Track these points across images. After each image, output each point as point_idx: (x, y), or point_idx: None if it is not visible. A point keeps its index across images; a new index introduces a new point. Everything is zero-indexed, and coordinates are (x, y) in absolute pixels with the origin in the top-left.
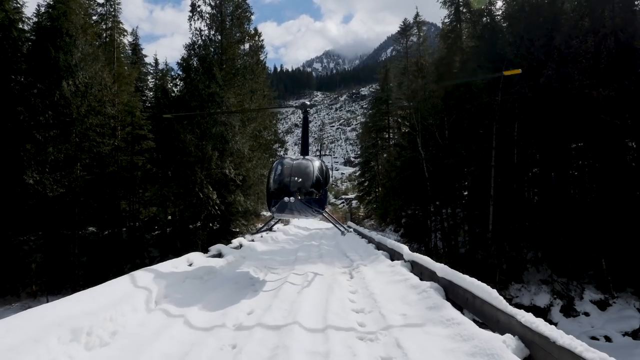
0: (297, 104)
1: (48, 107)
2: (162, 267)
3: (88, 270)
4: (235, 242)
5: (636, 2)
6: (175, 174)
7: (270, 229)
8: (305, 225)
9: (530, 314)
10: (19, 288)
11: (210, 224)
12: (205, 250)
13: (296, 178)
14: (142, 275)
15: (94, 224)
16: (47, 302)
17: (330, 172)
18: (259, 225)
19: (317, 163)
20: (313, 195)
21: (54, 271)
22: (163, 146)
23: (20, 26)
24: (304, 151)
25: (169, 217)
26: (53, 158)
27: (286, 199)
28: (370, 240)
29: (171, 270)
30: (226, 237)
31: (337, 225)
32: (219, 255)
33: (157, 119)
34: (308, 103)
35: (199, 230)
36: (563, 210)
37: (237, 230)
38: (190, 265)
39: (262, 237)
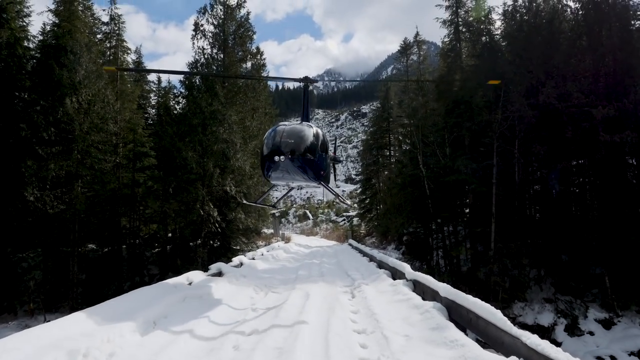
0: (299, 78)
1: (51, 123)
2: (162, 286)
3: (87, 288)
4: (236, 260)
5: (632, 22)
6: (176, 190)
7: (273, 207)
8: (306, 243)
9: (535, 335)
10: (17, 306)
11: (211, 242)
12: (205, 268)
13: (289, 139)
14: (141, 295)
15: (94, 241)
16: (45, 320)
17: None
18: (260, 243)
19: (313, 129)
20: (306, 158)
21: (52, 289)
22: (164, 163)
23: (26, 44)
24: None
25: (170, 235)
26: (54, 174)
27: (276, 158)
28: (371, 258)
29: (171, 289)
30: (226, 255)
31: (339, 197)
32: (219, 274)
33: (158, 135)
34: (311, 77)
35: (199, 247)
36: (565, 227)
37: (238, 247)
38: (190, 284)
39: (262, 255)
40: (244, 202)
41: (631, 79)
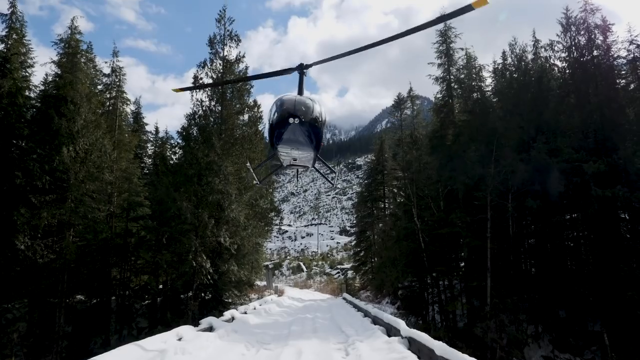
0: (294, 66)
1: (46, 172)
2: (150, 342)
3: (72, 341)
4: (227, 314)
5: (617, 81)
6: (169, 241)
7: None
8: (299, 297)
9: None
10: None
11: (202, 294)
12: (196, 322)
13: (301, 105)
14: (128, 353)
15: (83, 292)
16: None
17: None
18: (253, 296)
19: (316, 102)
20: (314, 124)
21: (37, 342)
22: (158, 213)
23: (27, 93)
24: None
25: (160, 286)
26: (46, 223)
27: (291, 119)
28: (366, 313)
29: (159, 345)
30: (218, 308)
31: (327, 174)
32: (210, 328)
33: (154, 185)
34: (305, 64)
35: (191, 300)
36: (561, 282)
37: (230, 300)
38: (179, 339)
39: (254, 309)
40: (249, 166)
41: (619, 135)
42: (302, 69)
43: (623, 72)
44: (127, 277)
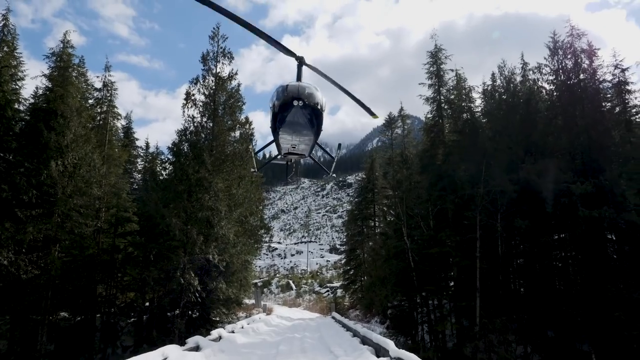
0: (296, 54)
1: (33, 186)
2: None
3: None
4: (215, 333)
5: (603, 104)
6: (157, 258)
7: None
8: (288, 315)
9: None
10: None
11: (190, 312)
12: (182, 341)
13: (305, 89)
14: None
15: (67, 309)
16: None
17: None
18: (241, 314)
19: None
20: (316, 108)
21: None
22: (147, 229)
23: (16, 106)
24: None
25: (147, 304)
26: (32, 238)
27: (295, 102)
28: (355, 333)
29: None
30: (205, 327)
31: (323, 163)
32: (197, 348)
33: (143, 201)
34: (304, 62)
35: (177, 318)
36: (549, 302)
37: (218, 319)
38: (165, 359)
39: (242, 327)
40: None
41: (605, 157)
42: (301, 62)
43: (609, 95)
44: (113, 294)
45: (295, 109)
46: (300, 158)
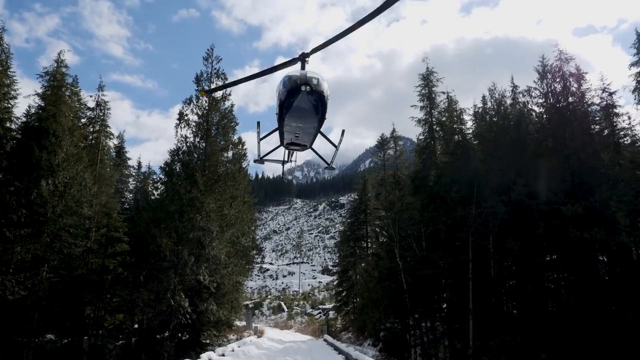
0: (296, 57)
1: (22, 205)
2: None
3: None
4: (204, 357)
5: (592, 126)
6: (147, 278)
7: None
8: (280, 338)
9: None
10: None
11: (179, 334)
12: None
13: (313, 76)
14: None
15: (53, 331)
16: None
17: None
18: (231, 337)
19: None
20: (323, 95)
21: None
22: (137, 249)
23: (8, 125)
24: None
25: (136, 326)
26: (19, 258)
27: (303, 87)
28: (347, 357)
29: None
30: (195, 350)
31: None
32: None
33: (133, 221)
34: (307, 52)
35: (167, 340)
36: (542, 324)
37: (208, 341)
38: None
39: (233, 350)
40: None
41: (595, 179)
42: (304, 57)
43: (597, 118)
44: (101, 316)
45: (302, 94)
46: (302, 150)
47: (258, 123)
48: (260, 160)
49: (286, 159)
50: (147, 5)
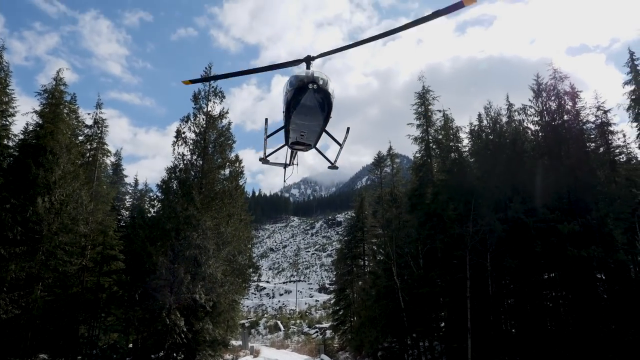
0: (301, 58)
1: (18, 222)
2: None
3: None
4: None
5: (587, 144)
6: (142, 297)
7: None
8: (276, 357)
9: None
10: None
11: (175, 354)
12: None
13: (319, 76)
14: None
15: (47, 351)
16: None
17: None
18: (227, 357)
19: None
20: (328, 94)
21: None
22: (133, 267)
23: (5, 142)
24: None
25: (130, 345)
26: (14, 276)
27: (311, 85)
28: None
29: None
30: None
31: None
32: None
33: (129, 239)
34: (313, 55)
35: None
36: (541, 343)
37: None
38: None
39: None
40: (265, 125)
41: (592, 197)
42: (309, 59)
43: (592, 136)
44: (95, 335)
45: (309, 92)
46: (306, 150)
47: (266, 120)
48: (265, 159)
49: (288, 162)
50: (146, 25)
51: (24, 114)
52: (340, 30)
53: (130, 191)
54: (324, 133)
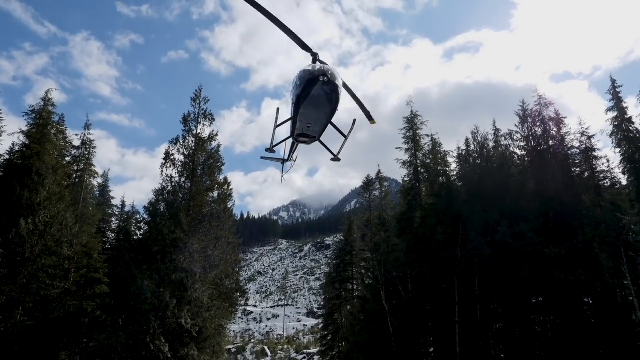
0: (312, 49)
1: (0, 245)
2: None
3: None
4: None
5: (573, 169)
6: (126, 322)
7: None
8: None
9: None
10: None
11: None
12: None
13: (329, 69)
14: None
15: None
16: None
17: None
18: None
19: None
20: (338, 88)
21: None
22: (117, 291)
23: None
24: None
25: None
26: None
27: (321, 77)
28: None
29: None
30: None
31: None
32: None
33: (115, 262)
34: (319, 57)
35: None
36: None
37: None
38: None
39: None
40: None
41: (577, 221)
42: (315, 57)
43: (577, 161)
44: None
45: (320, 84)
46: (311, 142)
47: (277, 109)
48: (271, 149)
49: (286, 158)
50: (137, 47)
51: (11, 134)
52: (331, 55)
53: (117, 213)
54: (329, 125)
